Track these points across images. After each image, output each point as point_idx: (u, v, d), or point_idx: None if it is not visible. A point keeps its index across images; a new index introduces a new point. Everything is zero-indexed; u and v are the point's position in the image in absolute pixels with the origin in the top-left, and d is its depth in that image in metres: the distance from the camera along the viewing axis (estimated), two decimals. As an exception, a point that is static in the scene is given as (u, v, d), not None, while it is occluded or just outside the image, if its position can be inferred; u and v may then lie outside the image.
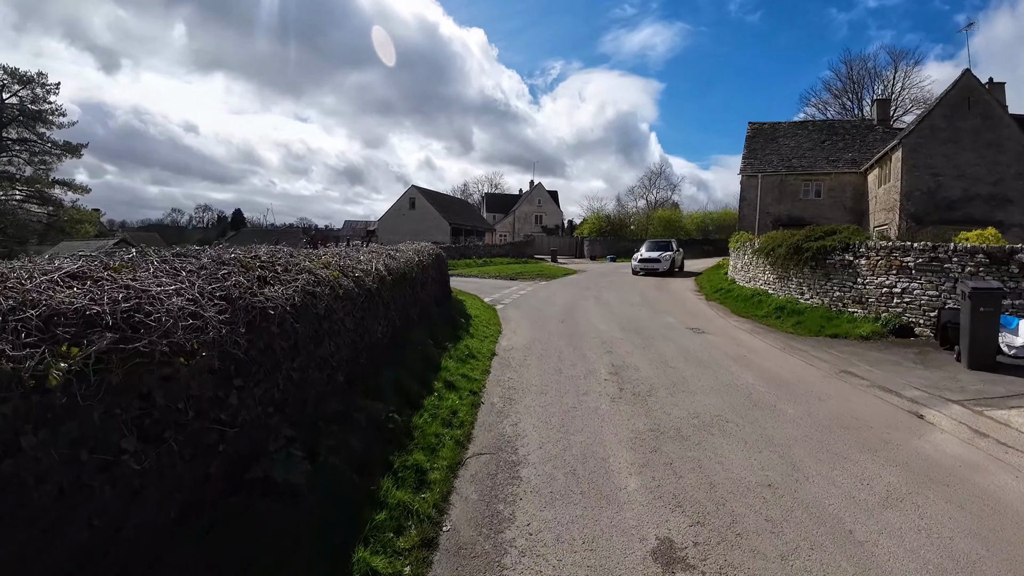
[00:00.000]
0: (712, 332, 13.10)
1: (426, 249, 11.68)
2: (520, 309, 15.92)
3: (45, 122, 58.71)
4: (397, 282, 7.77)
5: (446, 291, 13.26)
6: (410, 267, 8.74)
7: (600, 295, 19.77)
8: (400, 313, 7.94)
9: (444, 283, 13.06)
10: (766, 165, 36.59)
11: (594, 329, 12.75)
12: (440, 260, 12.76)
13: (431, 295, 11.00)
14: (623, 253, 51.61)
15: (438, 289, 12.07)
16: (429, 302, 10.70)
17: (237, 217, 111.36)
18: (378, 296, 6.64)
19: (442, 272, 12.88)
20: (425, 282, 10.17)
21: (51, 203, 59.70)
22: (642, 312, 15.75)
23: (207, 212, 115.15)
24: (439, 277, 12.34)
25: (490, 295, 19.36)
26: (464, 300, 15.56)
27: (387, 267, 7.38)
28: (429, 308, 10.55)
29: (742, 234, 23.43)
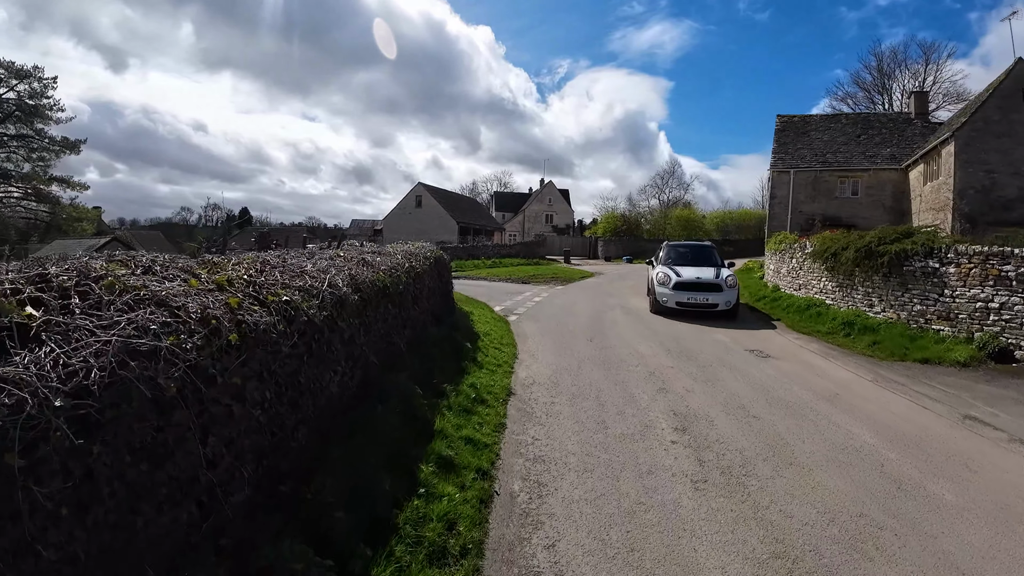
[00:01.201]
0: (778, 355, 10.55)
1: (422, 251, 9.18)
2: (538, 322, 13.40)
3: (43, 117, 56.61)
4: (372, 301, 5.28)
5: (448, 303, 10.75)
6: (395, 277, 6.24)
7: (627, 303, 17.22)
8: (378, 345, 5.47)
9: (445, 293, 10.56)
10: (798, 160, 33.90)
11: (633, 352, 10.21)
12: (440, 264, 10.25)
13: (427, 311, 8.51)
14: (639, 254, 48.95)
15: (438, 302, 9.58)
16: (425, 321, 8.23)
17: (243, 215, 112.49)
18: (331, 328, 4.14)
19: (443, 279, 10.38)
20: (419, 295, 7.69)
21: (48, 200, 57.82)
22: (685, 327, 13.18)
23: (216, 211, 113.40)
24: (439, 287, 9.84)
25: (501, 303, 16.86)
26: (471, 311, 13.04)
27: (353, 281, 4.87)
28: (425, 329, 8.07)
29: (784, 235, 20.89)
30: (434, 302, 9.22)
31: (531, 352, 9.89)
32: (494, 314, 13.94)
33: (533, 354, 9.72)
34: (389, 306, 5.97)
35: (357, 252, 6.30)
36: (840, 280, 15.25)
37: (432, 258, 9.62)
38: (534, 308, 15.83)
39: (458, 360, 7.66)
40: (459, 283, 24.48)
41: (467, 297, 17.40)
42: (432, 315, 8.96)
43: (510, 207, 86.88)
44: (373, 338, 5.28)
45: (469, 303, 15.34)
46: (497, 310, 15.16)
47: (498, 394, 6.93)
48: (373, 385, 5.14)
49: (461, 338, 8.75)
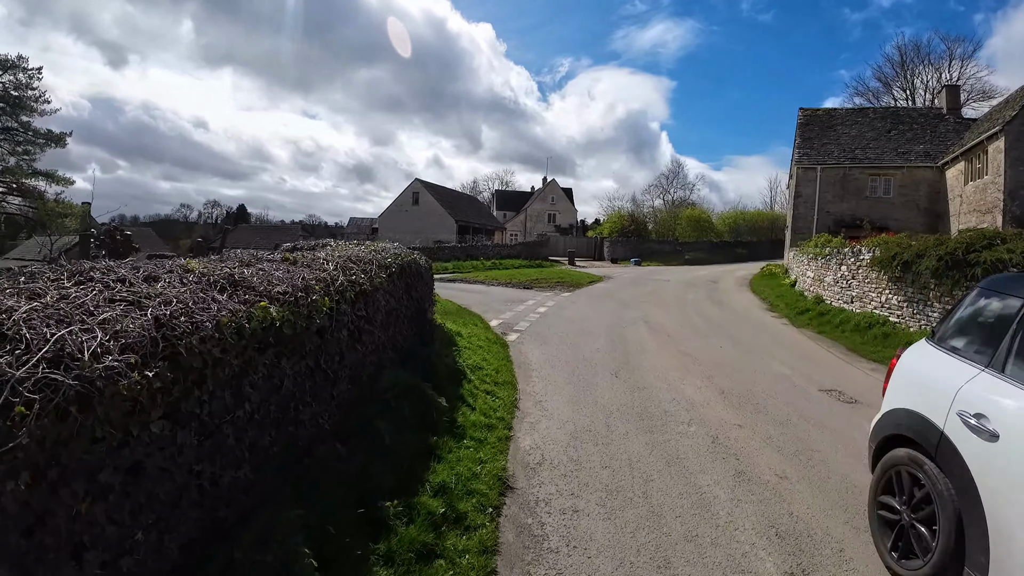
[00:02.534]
0: (865, 399, 7.84)
1: (378, 256, 6.37)
2: (544, 343, 10.64)
3: (28, 109, 53.81)
4: (219, 368, 2.50)
5: (422, 328, 7.93)
6: (302, 307, 3.47)
7: (648, 316, 14.48)
8: (247, 447, 2.71)
9: (417, 315, 7.73)
10: (825, 156, 31.20)
11: (678, 396, 7.47)
12: (410, 274, 7.40)
13: (383, 346, 5.77)
14: (648, 256, 46.19)
15: (402, 330, 6.82)
16: (377, 363, 5.51)
17: (241, 212, 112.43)
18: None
19: (414, 295, 7.56)
20: (363, 327, 4.93)
21: (31, 195, 55.17)
22: (731, 353, 10.44)
23: (216, 208, 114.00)
24: (406, 308, 7.06)
25: (499, 314, 14.13)
26: (460, 330, 10.32)
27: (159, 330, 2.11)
28: (376, 378, 5.35)
29: (826, 237, 18.20)
30: (397, 331, 6.47)
31: (537, 398, 7.14)
32: (489, 332, 11.20)
33: (540, 401, 6.96)
34: (285, 361, 3.24)
35: (228, 266, 3.54)
36: (909, 294, 12.57)
37: (401, 266, 6.83)
38: (539, 323, 13.08)
39: (425, 431, 4.90)
40: (453, 288, 21.90)
41: (459, 307, 14.68)
42: (394, 350, 6.23)
43: (512, 206, 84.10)
44: (225, 446, 2.54)
45: (460, 317, 12.62)
46: (494, 325, 12.43)
47: (485, 496, 4.18)
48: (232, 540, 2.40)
49: (436, 385, 5.97)
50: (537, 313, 14.58)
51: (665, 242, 51.31)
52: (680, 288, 22.41)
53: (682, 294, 20.23)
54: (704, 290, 21.97)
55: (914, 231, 27.46)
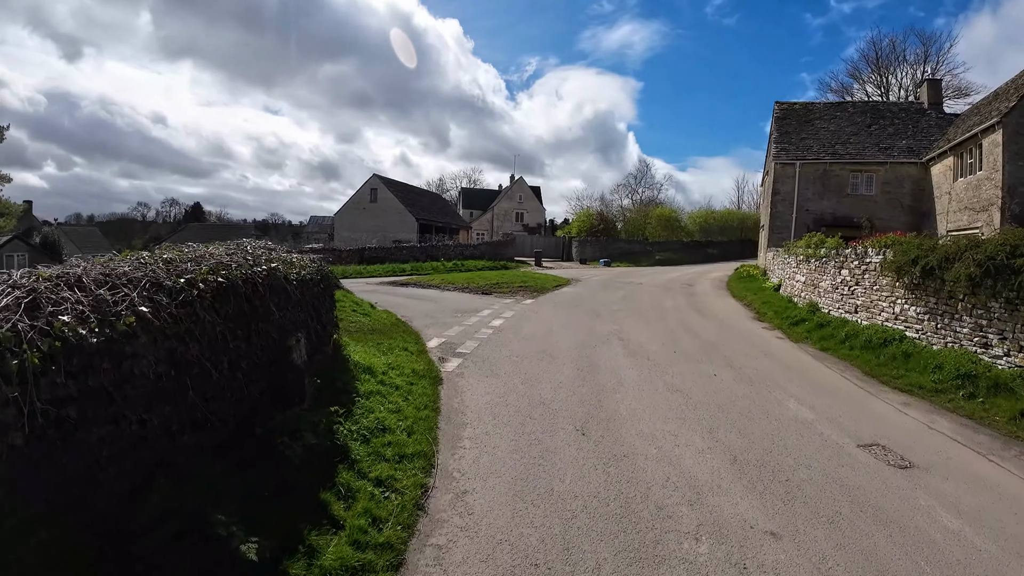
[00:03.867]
0: (923, 460, 5.66)
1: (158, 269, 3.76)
2: (491, 376, 8.17)
3: None
4: None
5: (287, 376, 5.16)
6: None
7: (623, 330, 12.15)
8: None
9: (280, 357, 4.98)
10: (805, 151, 29.44)
11: (675, 471, 5.08)
12: (265, 295, 4.74)
13: (167, 430, 3.20)
14: (618, 256, 44.09)
15: (246, 389, 4.25)
16: (150, 463, 2.92)
17: (196, 211, 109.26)
18: None
19: (279, 326, 4.94)
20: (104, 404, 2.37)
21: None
22: (731, 385, 8.12)
23: (174, 206, 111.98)
24: (256, 351, 4.46)
25: (443, 329, 11.65)
26: (376, 361, 7.81)
27: None
28: (138, 498, 2.76)
29: (818, 237, 16.17)
30: (212, 396, 3.91)
31: (461, 486, 4.63)
32: (420, 360, 8.68)
33: (464, 495, 4.45)
34: None
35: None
36: (931, 304, 10.52)
37: (214, 283, 4.20)
38: (490, 342, 10.61)
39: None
40: (401, 295, 19.23)
41: (395, 321, 12.17)
42: (197, 432, 3.67)
43: (479, 204, 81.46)
44: None
45: (389, 336, 10.11)
46: (432, 347, 9.95)
47: None
48: None
49: (263, 497, 3.45)
50: (490, 328, 12.12)
51: (635, 242, 49.32)
52: (656, 293, 20.20)
53: (659, 300, 18.00)
54: (682, 295, 19.81)
55: (895, 230, 25.93)
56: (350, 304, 12.26)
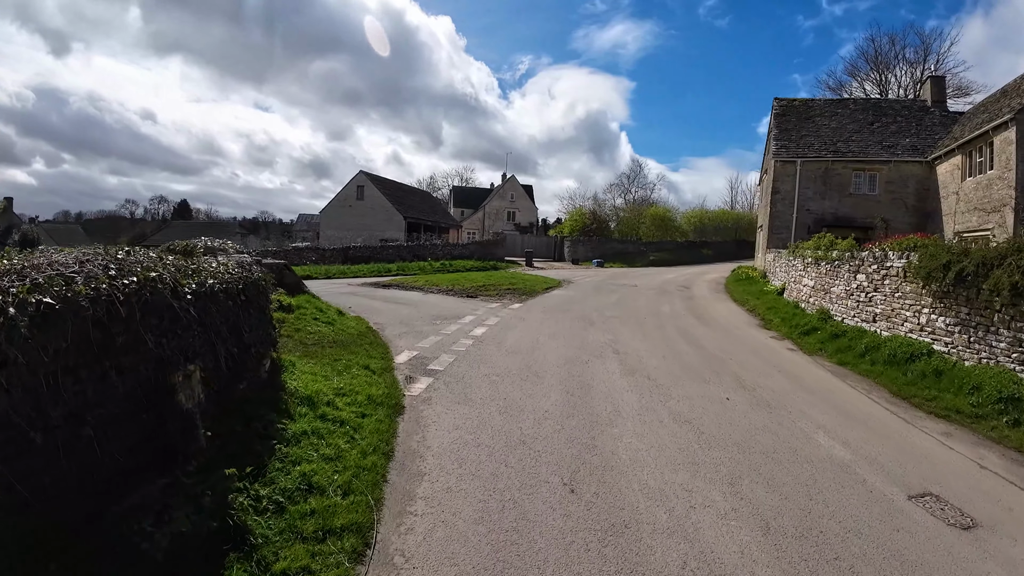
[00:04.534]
0: (990, 521, 4.45)
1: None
2: (464, 403, 6.86)
3: None
4: None
5: (175, 422, 3.84)
6: None
7: (619, 340, 10.90)
8: None
9: (163, 399, 3.73)
10: (806, 149, 28.32)
11: (693, 547, 3.82)
12: (135, 315, 3.48)
13: None
14: (611, 256, 42.87)
15: (99, 449, 2.95)
16: None
17: (182, 208, 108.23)
18: None
19: (155, 359, 3.69)
20: None
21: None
22: (747, 413, 6.87)
23: (163, 203, 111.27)
24: (124, 392, 3.19)
25: (418, 339, 10.35)
26: (324, 386, 6.51)
27: None
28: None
29: (829, 238, 14.99)
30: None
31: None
32: (381, 381, 7.36)
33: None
34: None
35: None
36: (963, 315, 9.36)
37: (36, 306, 2.93)
38: (468, 356, 9.32)
39: None
40: (380, 298, 17.68)
41: (364, 330, 10.87)
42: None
43: (470, 203, 79.99)
44: None
45: (351, 350, 8.80)
46: (401, 361, 8.66)
47: None
48: None
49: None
50: (471, 338, 10.82)
51: (629, 242, 48.10)
52: (651, 296, 18.97)
53: (655, 304, 16.77)
54: (680, 299, 18.59)
55: (900, 231, 24.84)
56: (312, 312, 10.94)
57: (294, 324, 9.91)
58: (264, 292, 6.05)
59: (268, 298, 6.48)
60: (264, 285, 6.21)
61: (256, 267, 6.43)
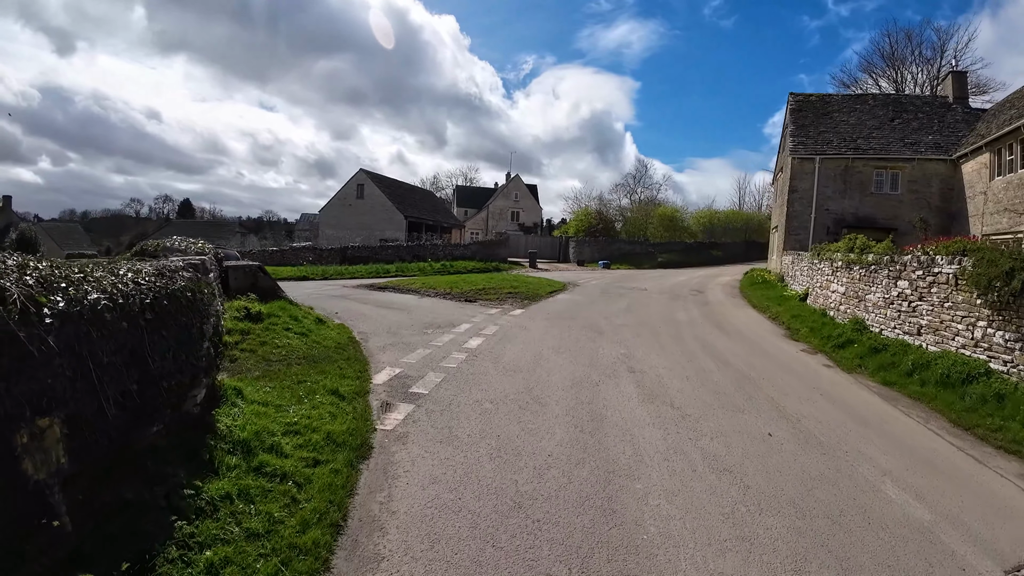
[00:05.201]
0: None
1: None
2: (447, 443, 5.54)
3: None
4: None
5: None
6: None
7: (633, 356, 9.61)
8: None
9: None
10: (824, 145, 26.96)
11: None
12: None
13: None
14: (617, 258, 41.54)
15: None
16: None
17: (185, 207, 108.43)
18: None
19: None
20: None
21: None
22: (796, 454, 5.56)
23: (167, 203, 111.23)
24: None
25: (404, 354, 9.09)
26: (272, 424, 5.25)
27: None
28: None
29: (862, 239, 13.68)
30: None
31: None
32: (352, 407, 6.09)
33: None
34: None
35: None
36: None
37: None
38: (458, 375, 8.04)
39: None
40: (371, 303, 15.81)
41: (348, 339, 9.67)
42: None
43: (474, 203, 78.74)
44: None
45: (327, 362, 7.56)
46: (378, 383, 7.39)
47: None
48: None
49: None
50: (465, 351, 9.54)
51: (636, 243, 46.69)
52: (664, 302, 17.66)
53: (669, 311, 15.47)
54: (695, 305, 17.28)
55: (926, 234, 23.46)
56: (285, 321, 9.69)
57: (260, 337, 8.66)
58: (195, 306, 4.79)
59: (206, 312, 5.22)
60: (198, 296, 4.95)
61: (190, 272, 5.17)
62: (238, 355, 8.02)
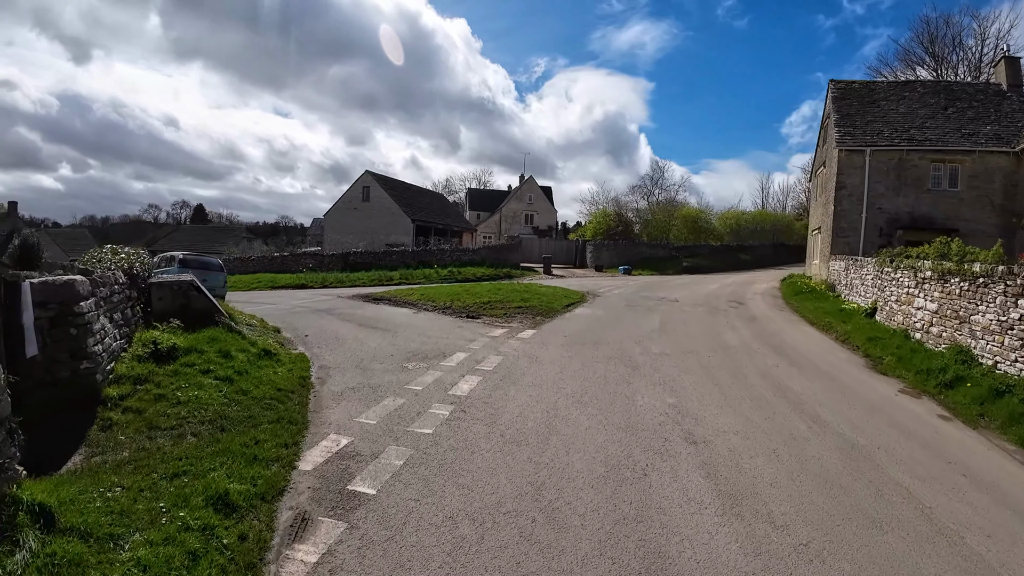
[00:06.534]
0: None
1: None
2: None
3: None
4: None
5: None
6: None
7: (683, 404, 6.95)
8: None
9: None
10: (875, 136, 23.99)
11: None
12: None
13: None
14: (639, 262, 38.69)
15: None
16: None
17: (199, 213, 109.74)
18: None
19: None
20: None
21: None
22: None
23: (184, 208, 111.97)
24: None
25: (367, 403, 6.52)
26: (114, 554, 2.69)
27: None
28: None
29: (957, 244, 10.91)
30: None
31: None
32: (233, 534, 3.53)
33: None
34: None
35: None
36: None
37: None
38: (430, 456, 5.42)
39: None
40: (357, 318, 12.89)
41: (300, 379, 7.12)
42: None
43: (486, 206, 76.19)
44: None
45: (245, 426, 4.99)
46: (306, 468, 4.81)
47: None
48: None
49: None
50: (450, 401, 6.93)
51: (659, 246, 43.68)
52: (702, 317, 14.92)
53: (713, 330, 12.75)
54: (739, 320, 14.51)
55: (986, 235, 20.47)
56: (210, 358, 7.17)
57: (160, 387, 6.15)
58: None
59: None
60: None
61: None
62: (116, 419, 5.50)
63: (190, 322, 8.51)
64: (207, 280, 20.00)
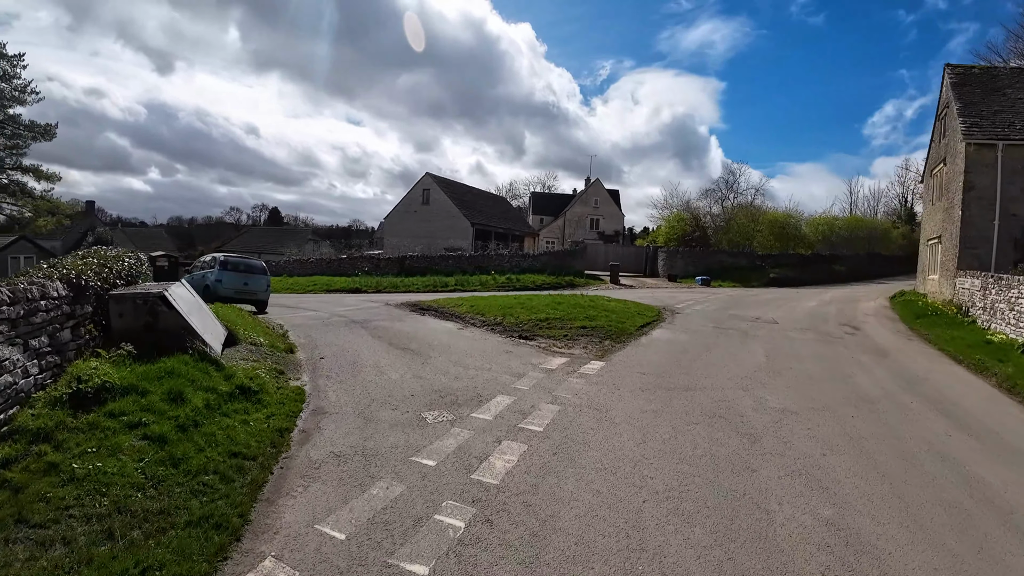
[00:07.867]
0: None
1: None
2: None
3: (13, 100, 46.74)
4: None
5: None
6: None
7: (843, 518, 4.33)
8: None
9: None
10: (1007, 128, 20.04)
11: None
12: None
13: None
14: (718, 272, 35.11)
15: None
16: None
17: (274, 215, 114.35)
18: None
19: None
20: None
21: (14, 193, 48.87)
22: None
23: (263, 211, 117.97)
24: None
25: (352, 489, 4.24)
26: None
27: None
28: None
29: None
30: None
31: None
32: None
33: None
34: None
35: None
36: None
37: None
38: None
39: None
40: (392, 333, 11.27)
41: (278, 433, 4.83)
42: None
43: (550, 210, 73.67)
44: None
45: (138, 549, 2.77)
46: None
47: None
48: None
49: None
50: (474, 495, 4.56)
51: (740, 254, 39.79)
52: (815, 348, 11.90)
53: (838, 369, 9.81)
54: (864, 353, 11.43)
55: None
56: (151, 405, 5.12)
57: (61, 449, 4.19)
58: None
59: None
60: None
61: None
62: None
63: (153, 346, 6.53)
64: (248, 283, 18.49)
